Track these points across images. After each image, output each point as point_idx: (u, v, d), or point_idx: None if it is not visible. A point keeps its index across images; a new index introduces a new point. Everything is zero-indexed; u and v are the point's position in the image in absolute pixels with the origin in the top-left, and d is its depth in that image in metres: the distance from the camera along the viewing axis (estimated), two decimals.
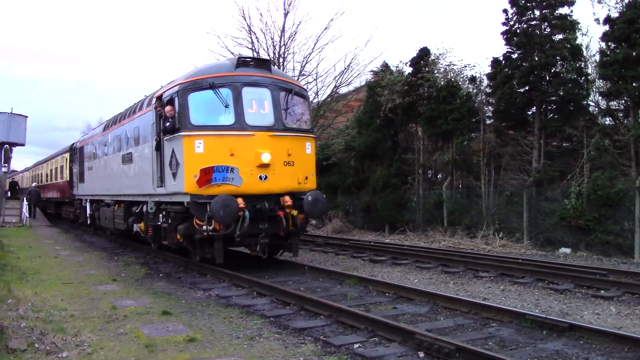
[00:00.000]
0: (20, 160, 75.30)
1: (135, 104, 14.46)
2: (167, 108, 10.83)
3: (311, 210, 10.59)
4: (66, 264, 12.64)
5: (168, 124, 10.73)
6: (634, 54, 14.28)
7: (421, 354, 5.62)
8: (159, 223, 12.09)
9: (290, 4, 25.34)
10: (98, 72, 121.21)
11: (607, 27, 15.26)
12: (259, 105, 10.65)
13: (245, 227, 9.83)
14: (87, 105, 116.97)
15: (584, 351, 5.73)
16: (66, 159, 24.96)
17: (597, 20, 15.92)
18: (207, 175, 9.95)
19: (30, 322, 6.57)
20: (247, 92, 10.51)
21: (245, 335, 6.39)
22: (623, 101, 15.74)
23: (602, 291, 8.89)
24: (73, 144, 23.69)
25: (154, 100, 11.91)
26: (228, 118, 10.31)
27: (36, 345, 5.70)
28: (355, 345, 5.94)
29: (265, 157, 10.14)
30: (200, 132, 10.19)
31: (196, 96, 10.43)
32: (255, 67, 10.96)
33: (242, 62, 10.92)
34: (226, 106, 10.26)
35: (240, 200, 9.73)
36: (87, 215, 20.18)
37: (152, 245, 13.47)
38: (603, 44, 15.58)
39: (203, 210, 9.86)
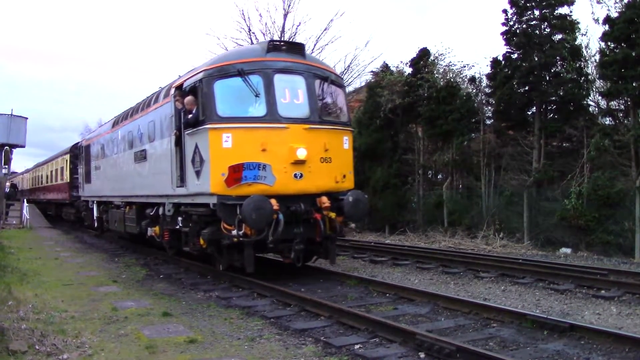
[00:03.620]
0: (16, 161, 75.13)
1: (149, 96, 13.18)
2: (189, 98, 9.73)
3: (352, 212, 9.58)
4: (67, 265, 12.64)
5: (190, 116, 9.64)
6: (634, 54, 14.29)
7: (422, 355, 5.61)
8: (178, 227, 10.97)
9: (290, 4, 25.37)
10: (94, 73, 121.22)
11: (606, 27, 15.29)
12: (292, 94, 9.51)
13: (280, 232, 8.79)
14: (83, 106, 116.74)
15: (585, 351, 5.72)
16: (66, 161, 24.96)
17: (596, 20, 15.97)
18: (236, 174, 8.87)
19: (31, 324, 6.57)
20: (279, 79, 9.36)
21: (245, 337, 6.39)
22: (623, 101, 15.76)
23: (603, 291, 8.89)
24: (78, 142, 23.56)
25: (173, 90, 10.76)
26: (259, 109, 9.20)
27: (37, 347, 5.70)
28: (356, 346, 5.94)
29: (301, 153, 9.04)
30: (228, 125, 9.04)
31: (223, 84, 9.29)
32: (288, 51, 9.80)
33: (273, 46, 9.74)
34: (256, 95, 9.15)
35: (273, 202, 8.70)
36: (94, 217, 18.88)
37: (168, 251, 12.44)
38: (603, 44, 15.62)
39: (232, 213, 8.83)
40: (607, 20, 15.25)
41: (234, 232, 8.84)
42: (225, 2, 66.50)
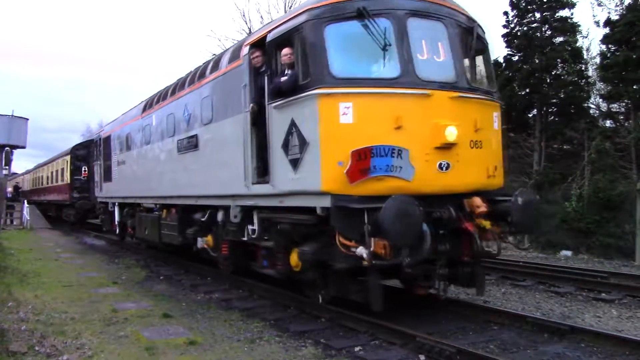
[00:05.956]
0: (14, 161, 75.04)
1: (199, 66, 10.17)
2: (285, 51, 6.78)
3: (523, 219, 6.56)
4: (67, 266, 12.63)
5: (284, 78, 6.74)
6: (634, 56, 14.32)
7: (422, 357, 5.61)
8: (245, 238, 8.13)
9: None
10: (94, 73, 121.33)
11: (607, 30, 15.33)
12: (431, 48, 6.60)
13: (426, 250, 5.91)
14: (82, 107, 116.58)
15: (585, 354, 5.72)
16: (67, 162, 25.08)
17: (597, 22, 16.03)
18: (362, 163, 5.94)
19: (31, 325, 6.58)
20: (414, 26, 6.49)
21: (245, 338, 6.39)
22: (624, 104, 15.79)
23: (603, 294, 8.88)
24: (80, 143, 23.59)
25: (246, 49, 7.76)
26: (389, 67, 6.34)
27: (36, 348, 5.71)
28: (356, 349, 5.93)
29: (451, 133, 6.18)
30: (348, 89, 6.17)
31: (337, 30, 6.40)
32: None
33: None
34: (384, 48, 6.28)
35: None
36: (116, 222, 15.79)
37: (224, 269, 9.56)
38: (603, 47, 15.67)
39: (355, 222, 5.88)
40: (608, 22, 15.31)
41: (360, 251, 5.86)
42: (226, 3, 66.68)
